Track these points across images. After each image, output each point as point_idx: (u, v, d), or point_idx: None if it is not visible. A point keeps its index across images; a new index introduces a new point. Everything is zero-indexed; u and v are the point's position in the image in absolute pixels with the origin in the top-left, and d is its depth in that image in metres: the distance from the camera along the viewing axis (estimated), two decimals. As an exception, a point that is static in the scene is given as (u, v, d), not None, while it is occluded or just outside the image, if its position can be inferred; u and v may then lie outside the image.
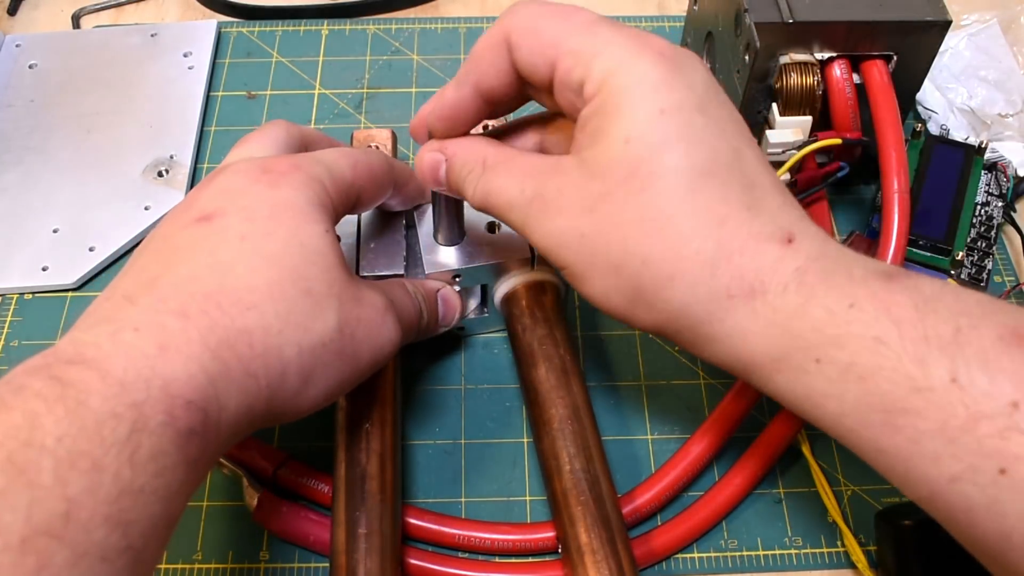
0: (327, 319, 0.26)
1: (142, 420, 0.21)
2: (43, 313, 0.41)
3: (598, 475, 0.31)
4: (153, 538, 0.22)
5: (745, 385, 0.35)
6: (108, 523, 0.20)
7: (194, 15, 0.53)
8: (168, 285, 0.24)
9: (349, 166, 0.29)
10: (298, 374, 0.25)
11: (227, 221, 0.26)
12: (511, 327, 0.36)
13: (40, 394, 0.21)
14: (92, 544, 0.20)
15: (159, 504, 0.22)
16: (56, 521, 0.19)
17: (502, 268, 0.36)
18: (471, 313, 0.39)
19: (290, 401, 0.26)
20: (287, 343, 0.25)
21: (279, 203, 0.26)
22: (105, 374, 0.21)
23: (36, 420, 0.20)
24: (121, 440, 0.21)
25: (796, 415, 0.35)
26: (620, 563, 0.29)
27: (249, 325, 0.24)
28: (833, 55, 0.37)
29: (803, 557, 0.35)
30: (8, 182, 0.44)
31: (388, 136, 0.41)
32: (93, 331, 0.23)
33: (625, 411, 0.38)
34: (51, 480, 0.19)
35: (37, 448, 0.20)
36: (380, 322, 0.29)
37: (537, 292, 0.36)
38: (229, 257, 0.25)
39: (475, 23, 0.52)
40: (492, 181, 0.28)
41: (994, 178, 0.42)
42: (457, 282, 0.36)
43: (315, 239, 0.26)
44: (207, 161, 0.46)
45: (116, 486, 0.20)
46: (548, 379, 0.33)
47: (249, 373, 0.24)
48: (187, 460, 0.22)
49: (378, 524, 0.30)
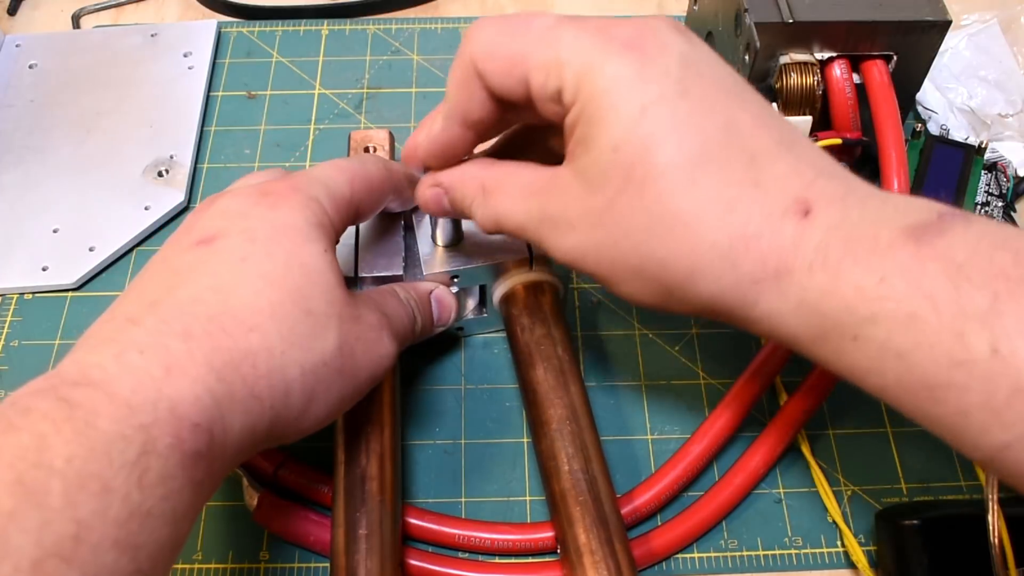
0: (328, 339, 0.26)
1: (150, 442, 0.21)
2: (43, 313, 0.41)
3: (596, 475, 0.31)
4: (161, 561, 0.22)
5: (744, 385, 0.35)
6: (117, 547, 0.20)
7: (194, 15, 0.53)
8: (171, 307, 0.24)
9: (347, 181, 0.29)
10: (301, 394, 0.25)
11: (228, 243, 0.26)
12: (509, 327, 0.36)
13: (48, 415, 0.20)
14: (102, 567, 0.20)
15: (166, 528, 0.22)
16: (66, 543, 0.19)
17: (500, 268, 0.36)
18: (469, 313, 0.39)
19: (293, 422, 0.26)
20: (290, 363, 0.25)
21: (279, 225, 0.26)
22: (113, 396, 0.21)
23: (45, 441, 0.20)
24: (130, 462, 0.21)
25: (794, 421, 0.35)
26: (618, 563, 0.29)
27: (253, 346, 0.24)
28: (833, 55, 0.37)
29: (803, 557, 0.35)
30: (8, 182, 0.44)
31: (386, 137, 0.41)
32: (97, 353, 0.23)
33: (625, 411, 0.38)
34: (61, 502, 0.19)
35: (46, 469, 0.19)
36: (376, 338, 0.29)
37: (535, 292, 0.36)
38: (231, 279, 0.25)
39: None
40: (497, 206, 0.28)
41: (994, 178, 0.42)
42: (455, 283, 0.36)
43: (315, 259, 0.26)
44: (207, 161, 0.46)
45: (125, 509, 0.20)
46: (546, 379, 0.33)
47: (254, 395, 0.24)
48: (193, 483, 0.22)
49: (378, 525, 0.30)
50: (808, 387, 0.36)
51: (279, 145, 0.47)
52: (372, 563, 0.29)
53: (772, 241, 0.23)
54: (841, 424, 0.38)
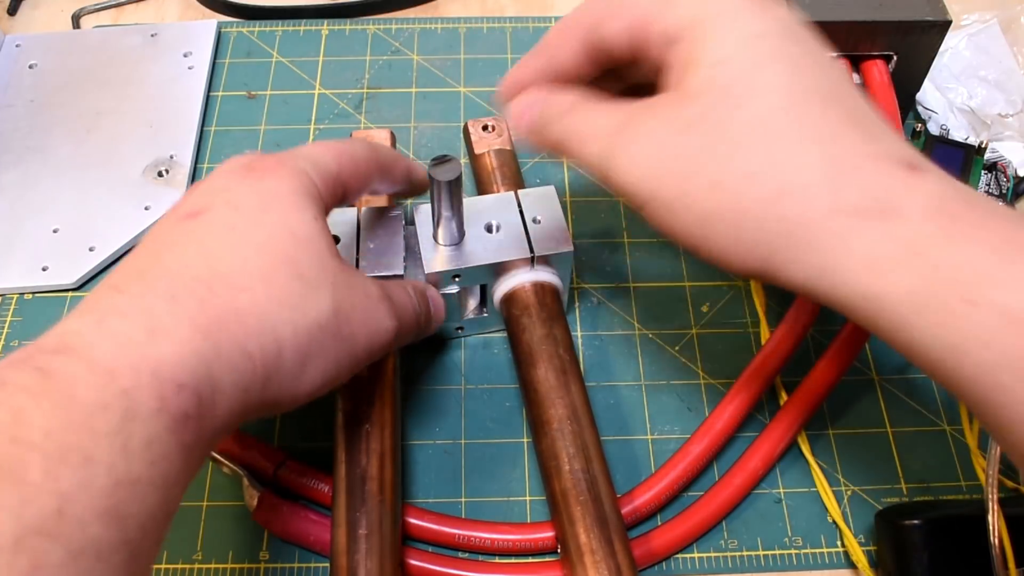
0: (321, 301, 0.26)
1: (133, 408, 0.21)
2: (43, 313, 0.41)
3: (597, 475, 0.31)
4: (151, 530, 0.21)
5: (744, 383, 0.35)
6: (103, 518, 0.20)
7: (194, 15, 0.53)
8: (157, 273, 0.24)
9: (333, 158, 0.29)
10: (294, 355, 0.25)
11: (215, 215, 0.26)
12: (510, 327, 0.36)
13: (25, 388, 0.20)
14: (87, 541, 0.19)
15: (156, 494, 0.21)
16: (49, 519, 0.19)
17: (502, 268, 0.36)
18: (470, 313, 0.39)
19: (288, 385, 0.25)
20: (282, 323, 0.24)
21: (266, 194, 0.26)
22: (92, 363, 0.21)
23: (22, 415, 0.19)
24: (113, 430, 0.20)
25: (794, 421, 0.35)
26: (619, 563, 0.29)
27: (241, 306, 0.24)
28: (833, 55, 0.37)
29: (803, 557, 0.35)
30: (8, 182, 0.44)
31: (387, 136, 0.41)
32: (77, 320, 0.22)
33: (625, 411, 0.38)
34: (41, 477, 0.19)
35: (25, 445, 0.19)
36: (375, 308, 0.28)
37: (537, 292, 0.36)
38: (218, 246, 0.25)
39: (475, 23, 0.52)
40: (578, 115, 0.28)
41: (994, 178, 0.42)
42: (456, 282, 0.36)
43: (304, 226, 0.26)
44: (207, 161, 0.46)
45: (110, 478, 0.20)
46: (547, 379, 0.33)
47: (243, 352, 0.23)
48: (183, 446, 0.22)
49: (378, 525, 0.30)
50: (808, 387, 0.36)
51: (279, 145, 0.47)
52: (372, 563, 0.29)
53: (879, 178, 0.21)
54: (841, 424, 0.38)
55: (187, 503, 0.35)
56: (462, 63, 0.50)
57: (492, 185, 0.40)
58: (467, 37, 0.52)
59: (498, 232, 0.36)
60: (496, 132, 0.42)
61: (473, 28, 0.52)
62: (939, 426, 0.38)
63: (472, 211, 0.36)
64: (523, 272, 0.36)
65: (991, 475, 0.29)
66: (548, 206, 0.36)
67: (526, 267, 0.36)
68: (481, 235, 0.36)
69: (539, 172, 0.46)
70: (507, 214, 0.36)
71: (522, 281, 0.36)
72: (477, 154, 0.42)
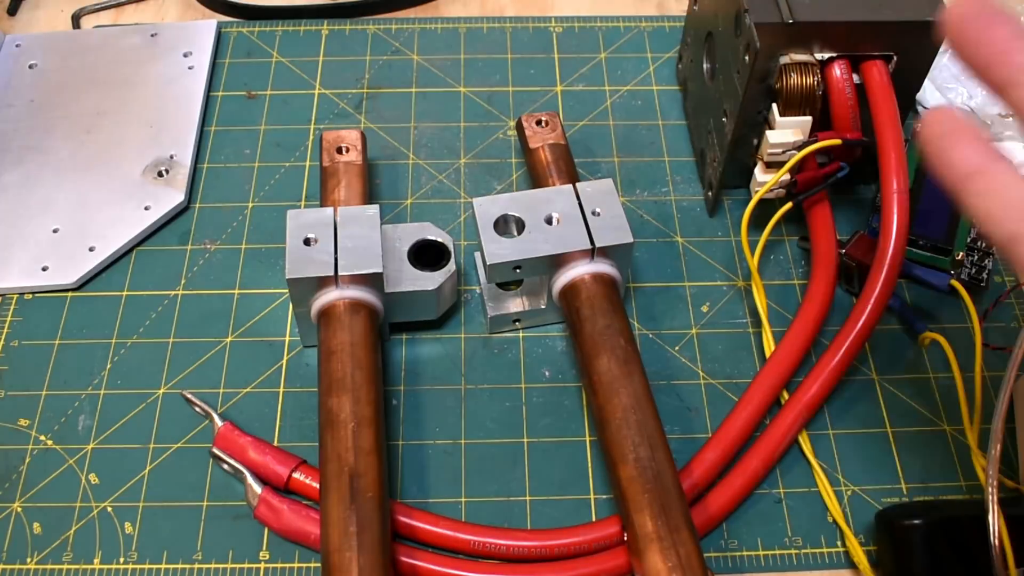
0: None
1: None
2: (43, 313, 0.41)
3: (663, 463, 0.32)
4: None
5: (753, 391, 0.35)
6: None
7: (194, 15, 0.53)
8: None
9: None
10: None
11: None
12: (571, 318, 0.36)
13: None
14: None
15: None
16: None
17: (561, 260, 0.36)
18: (526, 305, 0.39)
19: None
20: None
21: None
22: None
23: None
24: None
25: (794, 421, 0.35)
26: (687, 551, 0.29)
27: None
28: (833, 55, 0.37)
29: (803, 557, 0.35)
30: (8, 182, 0.44)
31: (357, 137, 0.42)
32: None
33: (625, 411, 0.38)
34: None
35: None
36: None
37: (597, 283, 0.36)
38: None
39: (475, 23, 0.52)
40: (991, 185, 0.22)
41: (994, 178, 0.42)
42: (517, 273, 0.36)
43: None
44: (207, 161, 0.46)
45: None
46: (611, 369, 0.34)
47: None
48: None
49: (369, 522, 0.30)
50: (808, 387, 0.36)
51: (279, 145, 0.47)
52: (365, 560, 0.29)
53: None
54: (841, 424, 0.38)
55: (187, 503, 0.35)
56: (462, 63, 0.50)
57: (548, 179, 0.41)
58: (467, 37, 0.52)
59: (558, 224, 0.36)
60: (550, 127, 0.42)
61: (473, 28, 0.52)
62: (939, 426, 0.38)
63: (532, 203, 0.37)
64: (583, 264, 0.36)
65: (991, 475, 0.29)
66: (607, 199, 0.37)
67: (586, 259, 0.36)
68: (541, 227, 0.36)
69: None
70: (566, 206, 0.37)
71: (583, 272, 0.36)
72: (532, 148, 0.42)
